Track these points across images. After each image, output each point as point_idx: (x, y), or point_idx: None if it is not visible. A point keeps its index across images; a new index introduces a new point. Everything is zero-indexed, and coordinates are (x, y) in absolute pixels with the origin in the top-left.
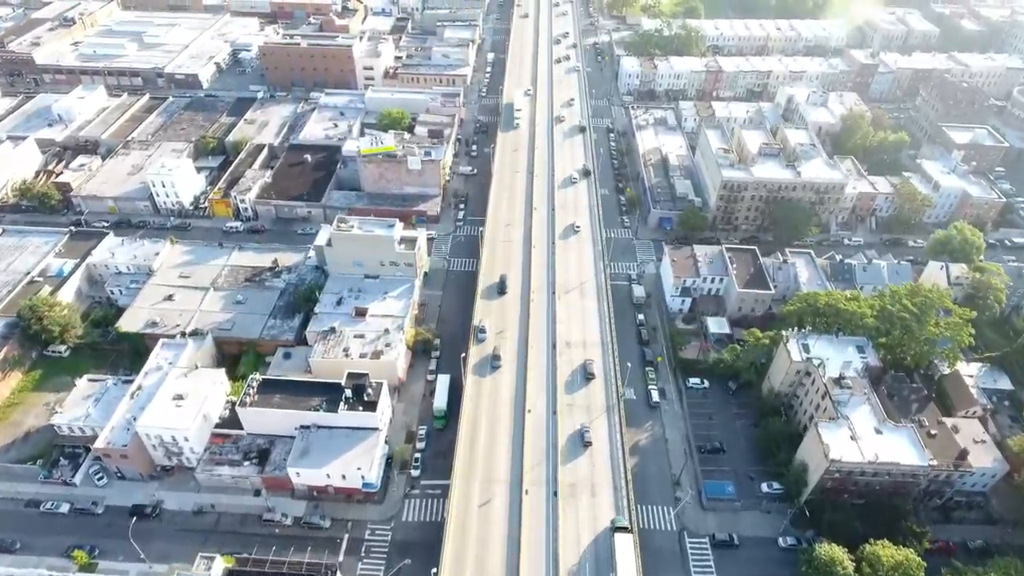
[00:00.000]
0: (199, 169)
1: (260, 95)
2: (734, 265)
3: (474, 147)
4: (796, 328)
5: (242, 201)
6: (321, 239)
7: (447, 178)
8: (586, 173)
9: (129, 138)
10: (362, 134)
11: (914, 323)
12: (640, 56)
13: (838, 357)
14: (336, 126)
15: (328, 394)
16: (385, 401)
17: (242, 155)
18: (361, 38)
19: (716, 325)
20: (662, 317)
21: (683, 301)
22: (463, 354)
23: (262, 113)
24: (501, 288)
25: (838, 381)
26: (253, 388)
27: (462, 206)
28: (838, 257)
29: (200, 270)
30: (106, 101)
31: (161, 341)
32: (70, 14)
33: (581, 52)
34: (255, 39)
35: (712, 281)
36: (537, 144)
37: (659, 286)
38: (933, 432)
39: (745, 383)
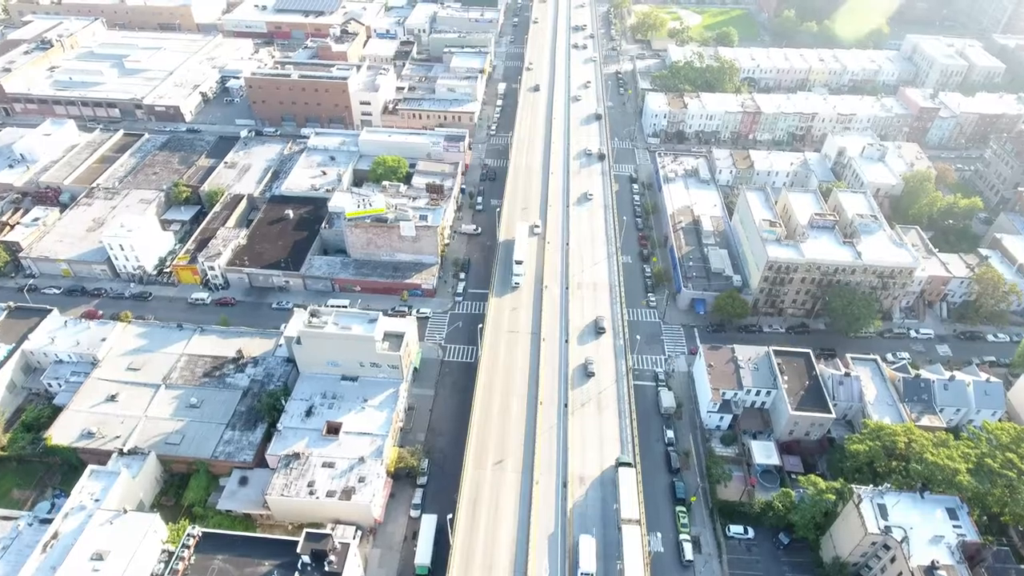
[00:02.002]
0: (168, 223)
1: (244, 134)
2: (785, 376)
3: (479, 199)
4: (866, 468)
5: (211, 268)
6: (292, 327)
7: (446, 242)
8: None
9: (94, 184)
10: (354, 183)
11: (1021, 484)
12: (667, 91)
13: (925, 526)
14: (324, 174)
15: (282, 556)
16: (353, 566)
17: (217, 207)
18: (358, 68)
19: (763, 453)
20: (696, 436)
21: (721, 417)
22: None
23: (245, 155)
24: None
25: (930, 572)
26: (190, 547)
27: (463, 276)
28: (907, 362)
29: (153, 360)
30: (76, 137)
31: (90, 469)
32: (49, 35)
33: (602, 85)
34: (247, 65)
35: (758, 394)
36: (551, 208)
37: (691, 389)
38: None
39: (801, 537)
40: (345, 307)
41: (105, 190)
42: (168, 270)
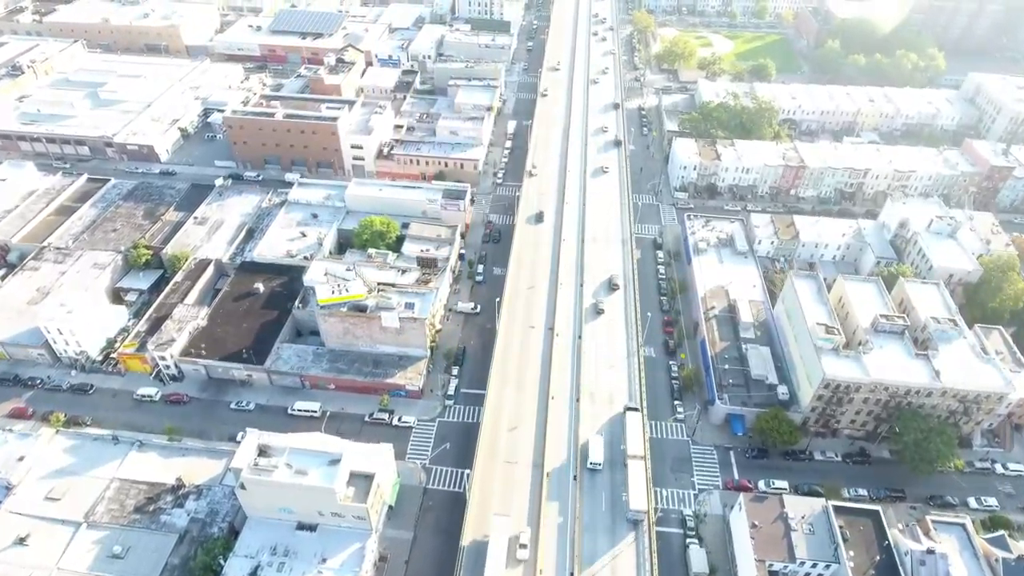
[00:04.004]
0: (124, 292)
1: (219, 182)
2: (849, 545)
3: (480, 268)
4: None
5: (162, 358)
6: (242, 456)
7: (438, 327)
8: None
9: (45, 244)
10: (338, 247)
11: None
12: (697, 136)
13: None
14: (304, 235)
15: None
16: None
17: (179, 276)
18: (351, 106)
19: None
20: None
21: None
22: None
23: (218, 208)
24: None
25: None
26: None
27: (455, 372)
28: (1007, 534)
29: (77, 487)
30: (36, 181)
31: None
32: (23, 59)
33: (623, 122)
34: (233, 95)
35: (814, 565)
36: (562, 289)
37: (727, 546)
38: None
39: None
40: (314, 412)
41: (56, 251)
42: (114, 357)
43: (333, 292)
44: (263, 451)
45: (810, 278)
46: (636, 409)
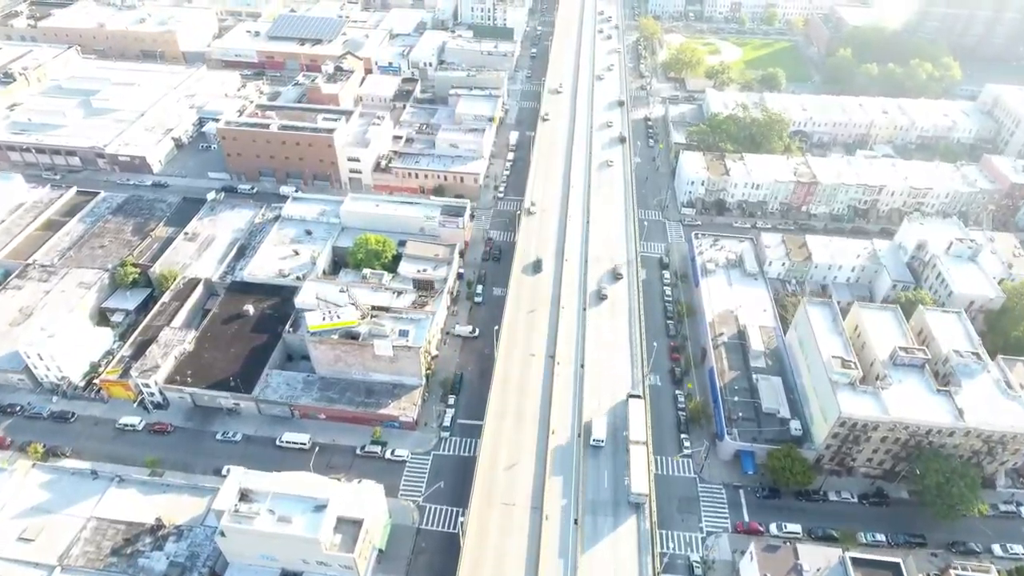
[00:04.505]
0: (110, 312)
1: (211, 196)
2: None
3: (479, 288)
4: None
5: (146, 386)
6: (223, 497)
7: (434, 353)
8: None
9: (30, 261)
10: (332, 265)
11: None
12: (705, 149)
13: None
14: (296, 254)
15: None
16: None
17: (167, 297)
18: (348, 118)
19: None
20: None
21: None
22: None
23: (210, 223)
24: None
25: None
26: None
27: (452, 401)
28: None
29: (53, 525)
30: (24, 194)
31: None
32: (15, 66)
33: (630, 139)
34: (229, 104)
35: None
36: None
37: None
38: None
39: None
40: (304, 445)
41: (41, 268)
42: (97, 383)
43: (324, 318)
44: (245, 495)
45: (824, 305)
46: (639, 396)
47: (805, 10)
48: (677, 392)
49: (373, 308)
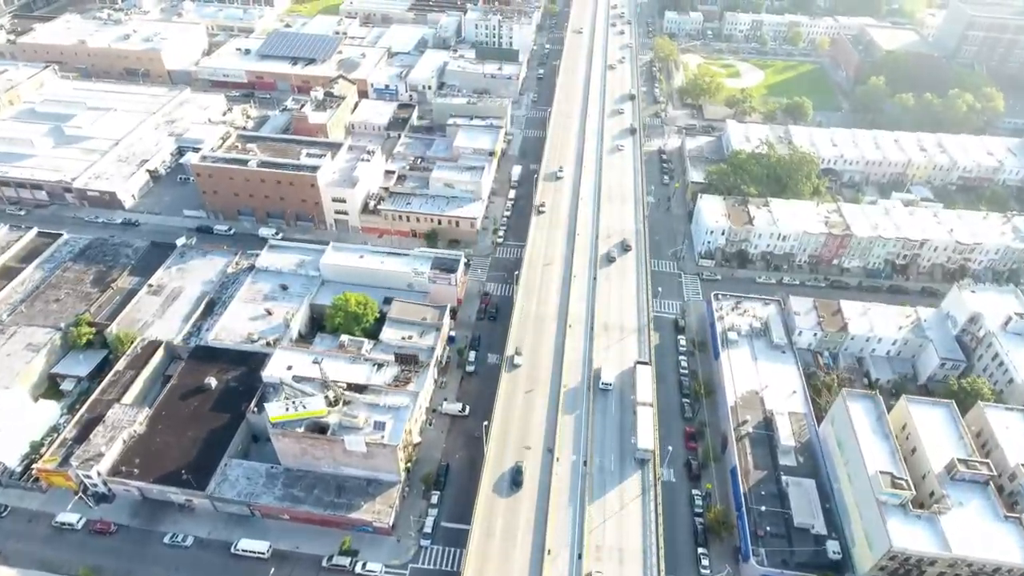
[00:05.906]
0: (60, 379)
1: (181, 242)
2: None
3: (472, 355)
4: None
5: (87, 476)
6: None
7: (417, 440)
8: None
9: None
10: (309, 327)
11: None
12: (726, 192)
13: None
14: (270, 313)
15: None
16: None
17: (121, 364)
18: (334, 154)
19: None
20: None
21: None
22: None
23: (178, 272)
24: None
25: None
26: None
27: (435, 499)
28: None
29: None
30: None
31: None
32: None
33: (641, 181)
34: (211, 131)
35: None
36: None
37: None
38: None
39: None
40: (263, 553)
41: None
42: (33, 472)
43: (288, 408)
44: None
45: (867, 399)
46: (646, 363)
47: (831, 29)
48: (694, 492)
49: (348, 387)
